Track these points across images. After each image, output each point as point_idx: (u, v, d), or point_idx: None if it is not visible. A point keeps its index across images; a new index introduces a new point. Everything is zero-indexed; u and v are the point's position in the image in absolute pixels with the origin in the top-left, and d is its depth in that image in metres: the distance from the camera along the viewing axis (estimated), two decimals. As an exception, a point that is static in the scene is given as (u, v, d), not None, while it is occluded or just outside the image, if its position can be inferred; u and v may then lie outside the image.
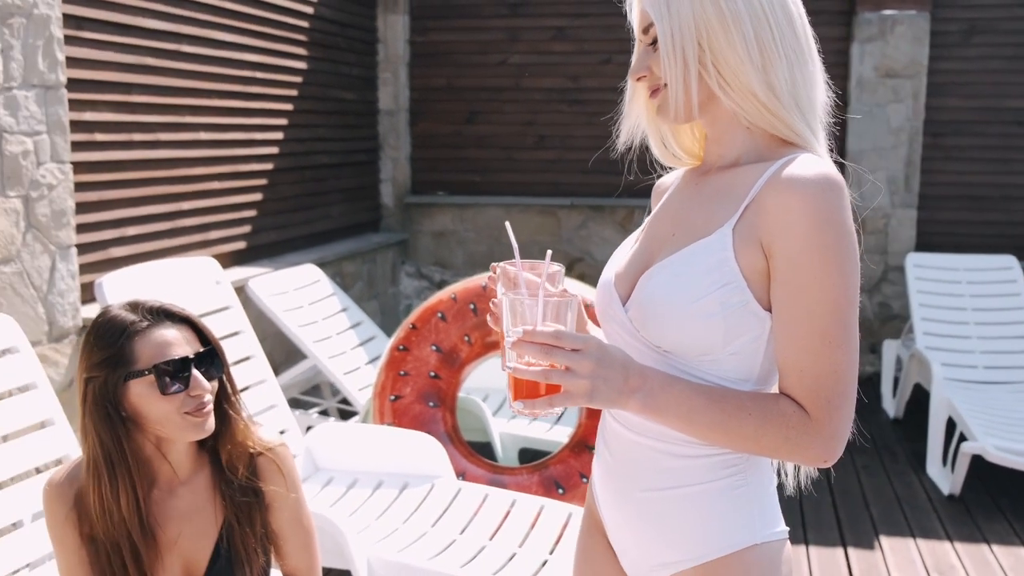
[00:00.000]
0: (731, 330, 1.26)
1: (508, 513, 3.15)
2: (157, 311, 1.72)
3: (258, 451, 1.83)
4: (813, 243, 1.20)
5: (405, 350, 3.79)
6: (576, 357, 1.15)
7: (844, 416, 1.23)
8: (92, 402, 1.68)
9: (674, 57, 1.28)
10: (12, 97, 3.24)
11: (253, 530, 1.80)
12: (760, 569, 1.34)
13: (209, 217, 4.67)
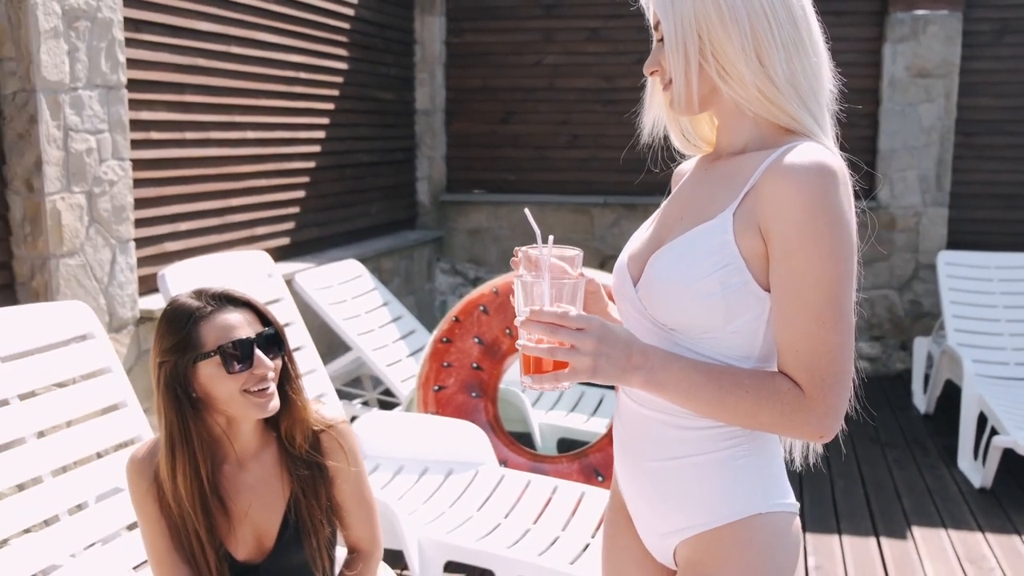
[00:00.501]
0: (731, 309, 1.32)
1: (550, 499, 3.26)
2: (220, 297, 1.84)
3: (321, 428, 1.95)
4: (806, 228, 1.26)
5: (448, 342, 3.91)
6: (580, 336, 1.24)
7: (838, 394, 1.29)
8: (164, 385, 1.80)
9: (677, 51, 1.35)
10: (77, 97, 3.39)
11: (318, 502, 1.92)
12: (763, 538, 1.39)
13: (256, 213, 4.81)
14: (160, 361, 1.82)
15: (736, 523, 1.40)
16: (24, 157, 3.27)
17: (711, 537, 1.41)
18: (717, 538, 1.41)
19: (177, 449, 1.81)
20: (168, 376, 1.80)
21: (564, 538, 2.99)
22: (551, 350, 1.25)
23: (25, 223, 3.32)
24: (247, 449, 1.90)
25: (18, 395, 2.31)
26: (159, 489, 1.86)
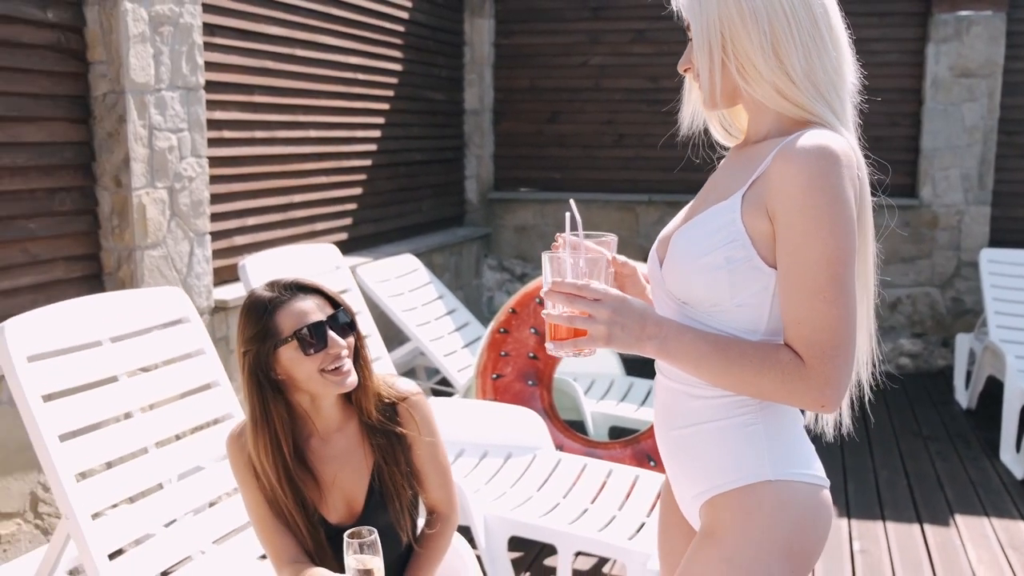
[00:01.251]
0: (736, 283, 1.41)
1: (605, 481, 3.42)
2: (292, 286, 2.01)
3: (396, 400, 2.12)
4: (805, 207, 1.33)
5: (506, 332, 4.08)
6: (596, 306, 1.36)
7: (838, 365, 1.34)
8: (248, 371, 1.98)
9: (702, 49, 1.44)
10: (161, 98, 3.60)
11: (398, 468, 2.08)
12: (772, 504, 1.44)
13: (316, 209, 5.01)
14: (244, 350, 1.99)
15: (744, 488, 1.46)
16: (113, 155, 3.49)
17: (721, 501, 1.48)
18: (726, 503, 1.48)
19: (259, 429, 1.98)
20: (252, 363, 1.97)
21: (620, 517, 3.14)
22: (570, 318, 1.38)
23: (113, 216, 3.53)
24: (331, 423, 2.07)
25: (126, 372, 2.51)
26: (253, 463, 2.04)
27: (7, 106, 3.14)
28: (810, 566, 1.50)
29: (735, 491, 1.47)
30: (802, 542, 1.46)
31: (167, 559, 2.39)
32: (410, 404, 2.12)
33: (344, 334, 2.00)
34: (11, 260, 3.20)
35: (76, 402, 2.34)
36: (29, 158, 3.24)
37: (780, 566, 1.44)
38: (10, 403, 3.07)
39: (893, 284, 6.46)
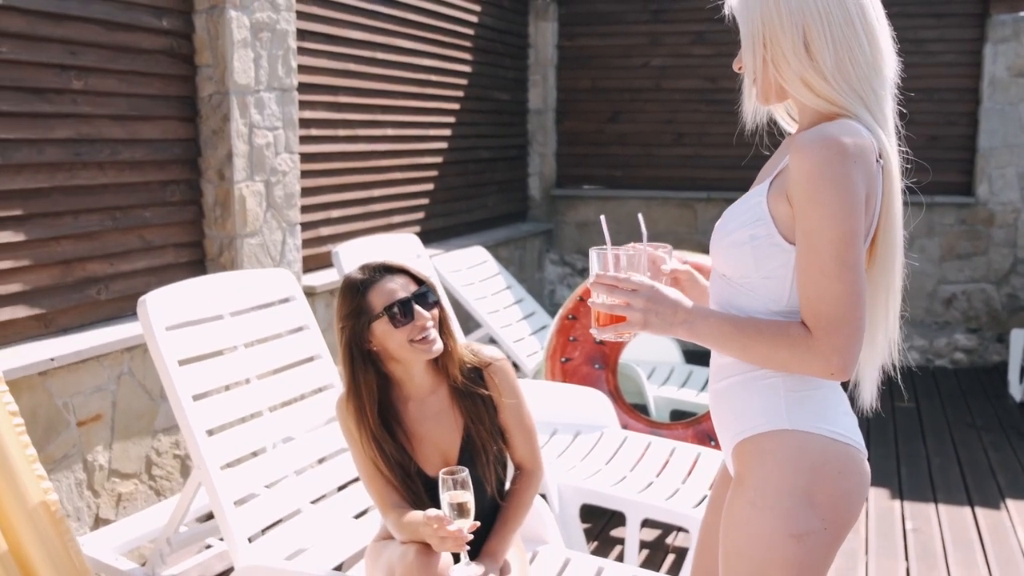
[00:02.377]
0: (759, 258, 1.57)
1: (669, 458, 3.64)
2: (380, 268, 2.28)
3: (481, 365, 2.37)
4: (812, 193, 1.47)
5: (574, 319, 4.33)
6: (633, 295, 1.55)
7: (843, 337, 1.47)
8: (344, 345, 2.25)
9: (748, 49, 1.59)
10: (260, 98, 3.91)
11: (485, 427, 2.34)
12: (788, 451, 1.56)
13: (393, 203, 5.31)
14: (341, 326, 2.26)
15: (763, 434, 1.59)
16: (217, 150, 3.80)
17: (745, 447, 1.61)
18: (748, 448, 1.61)
19: (351, 395, 2.26)
20: (348, 337, 2.25)
21: (684, 489, 3.37)
22: (611, 307, 1.58)
23: (216, 207, 3.85)
24: (423, 388, 2.32)
25: (243, 343, 2.81)
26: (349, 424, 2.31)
27: (128, 106, 3.46)
28: (844, 521, 1.59)
29: (755, 437, 1.60)
30: (826, 492, 1.56)
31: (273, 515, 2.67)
32: (493, 369, 2.37)
33: (428, 308, 2.26)
34: (129, 246, 3.53)
35: (204, 368, 2.64)
36: (145, 153, 3.56)
37: (804, 513, 1.54)
38: (130, 375, 3.39)
39: (948, 280, 6.57)
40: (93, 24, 3.28)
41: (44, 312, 3.20)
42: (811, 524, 1.55)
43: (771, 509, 1.55)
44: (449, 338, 2.32)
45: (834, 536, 1.58)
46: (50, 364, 3.00)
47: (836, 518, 1.57)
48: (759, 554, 1.56)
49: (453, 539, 1.97)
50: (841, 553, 3.60)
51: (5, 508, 2.34)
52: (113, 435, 3.33)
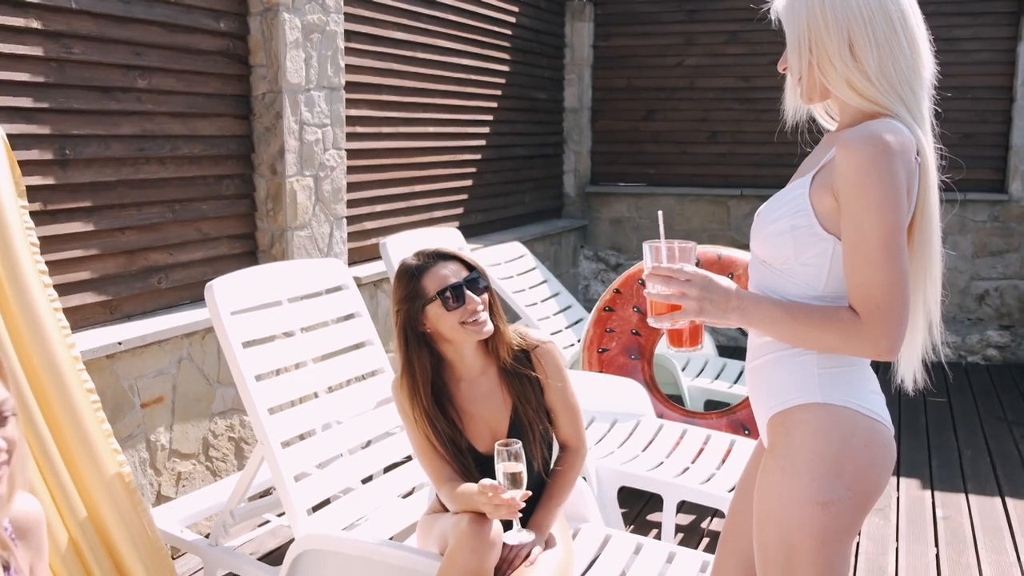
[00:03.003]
0: (799, 246, 1.67)
1: (704, 446, 3.76)
2: (434, 254, 2.42)
3: (528, 348, 2.50)
4: (859, 188, 1.56)
5: (611, 311, 4.45)
6: (688, 285, 1.65)
7: (890, 321, 1.57)
8: (400, 327, 2.39)
9: (794, 51, 1.69)
10: (310, 97, 4.07)
11: (532, 406, 2.46)
12: (819, 422, 1.66)
13: (433, 199, 5.45)
14: (396, 309, 2.40)
15: (796, 407, 1.69)
16: (269, 146, 3.96)
17: (779, 418, 1.72)
18: (782, 419, 1.71)
19: (405, 374, 2.40)
20: (403, 320, 2.39)
21: (719, 475, 3.48)
22: (668, 296, 1.67)
23: (268, 201, 4.01)
24: (474, 368, 2.46)
25: (300, 328, 2.96)
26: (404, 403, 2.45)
27: (188, 104, 3.63)
28: (869, 495, 1.68)
29: (790, 409, 1.70)
30: (854, 463, 1.65)
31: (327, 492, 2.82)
32: (541, 351, 2.51)
33: (479, 292, 2.39)
34: (187, 237, 3.70)
35: (265, 350, 2.80)
36: (203, 149, 3.73)
37: (831, 482, 1.64)
38: (189, 360, 3.56)
39: (981, 276, 6.62)
40: (156, 26, 3.45)
41: (110, 299, 3.37)
42: (837, 492, 1.64)
43: (800, 476, 1.66)
44: (499, 321, 2.45)
45: (859, 505, 1.68)
46: (117, 348, 3.18)
47: (861, 488, 1.67)
48: (787, 518, 1.67)
49: (507, 507, 2.10)
50: (872, 539, 3.70)
51: (84, 478, 2.51)
52: (174, 417, 3.50)
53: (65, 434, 2.50)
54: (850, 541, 1.70)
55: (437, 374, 2.44)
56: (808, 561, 1.66)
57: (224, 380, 3.73)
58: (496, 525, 2.24)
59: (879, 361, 1.67)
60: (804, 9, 1.67)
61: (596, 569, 2.64)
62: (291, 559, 2.57)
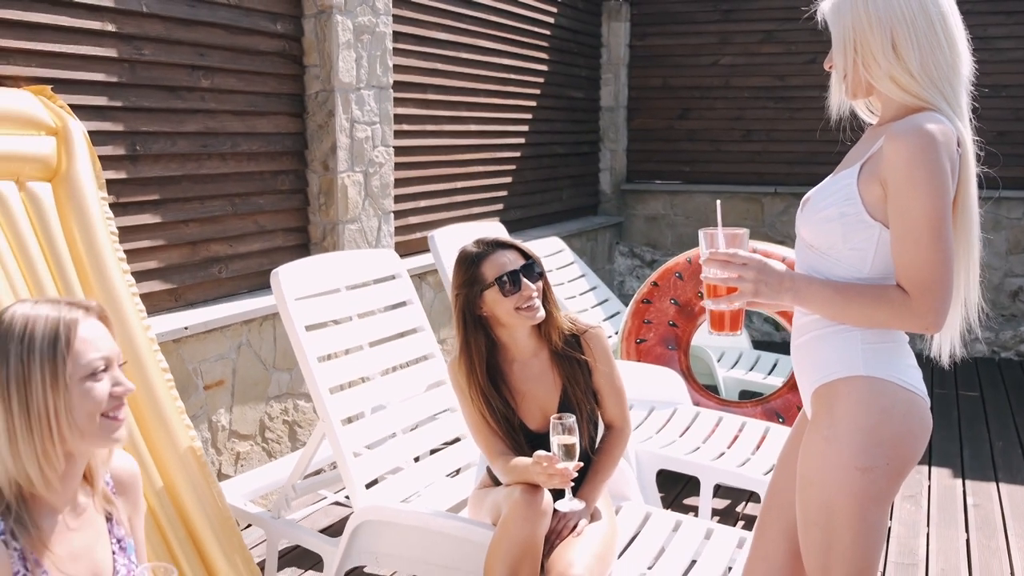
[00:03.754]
0: (847, 232, 1.79)
1: (739, 432, 3.89)
2: (492, 243, 2.57)
3: (578, 332, 2.65)
4: (908, 176, 1.69)
5: (648, 303, 4.59)
6: (744, 269, 1.78)
7: (936, 298, 1.70)
8: (458, 311, 2.55)
9: (840, 51, 1.82)
10: (360, 95, 4.24)
11: (580, 387, 2.62)
12: (862, 393, 1.79)
13: (474, 195, 5.61)
14: (456, 294, 2.56)
15: (840, 379, 1.82)
16: (322, 143, 4.14)
17: (823, 391, 1.84)
18: (826, 392, 1.83)
19: (462, 355, 2.56)
20: (462, 304, 2.55)
21: (754, 459, 3.61)
22: (725, 280, 1.80)
23: (320, 195, 4.19)
24: (527, 351, 2.61)
25: (357, 314, 3.13)
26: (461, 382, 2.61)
27: (247, 102, 3.82)
28: (906, 462, 1.80)
29: (833, 382, 1.83)
30: (893, 431, 1.77)
31: (380, 469, 2.98)
32: (590, 336, 2.66)
33: (534, 279, 2.54)
34: (246, 230, 3.88)
35: (324, 334, 2.97)
36: (261, 146, 3.91)
37: (870, 449, 1.76)
38: (247, 345, 3.75)
39: (1015, 273, 6.67)
40: (219, 28, 3.64)
41: (175, 287, 3.56)
42: (876, 459, 1.78)
43: (842, 443, 1.79)
44: (552, 307, 2.60)
45: (896, 472, 1.81)
46: (184, 332, 3.36)
47: (898, 456, 1.80)
48: (828, 483, 1.81)
49: (560, 476, 2.26)
50: (904, 524, 3.81)
51: (160, 451, 2.69)
52: (233, 399, 3.68)
53: (143, 410, 2.68)
54: (886, 506, 1.83)
55: (492, 356, 2.59)
56: (847, 523, 1.79)
57: (279, 366, 3.92)
58: (547, 495, 2.39)
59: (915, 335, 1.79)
60: (849, 11, 1.81)
61: (637, 544, 2.78)
62: (351, 529, 2.74)
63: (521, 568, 2.33)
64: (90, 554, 1.64)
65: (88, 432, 1.58)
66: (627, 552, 2.73)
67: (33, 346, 1.53)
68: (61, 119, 2.80)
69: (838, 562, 1.81)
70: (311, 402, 4.12)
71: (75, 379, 1.55)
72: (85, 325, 1.59)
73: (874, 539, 1.81)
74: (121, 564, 1.69)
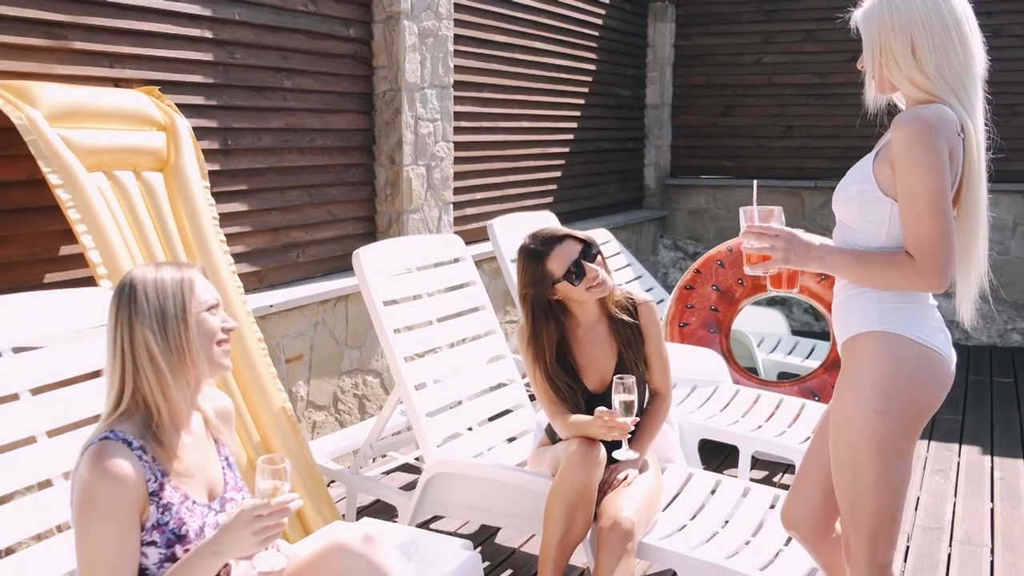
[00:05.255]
0: (865, 207, 2.06)
1: (776, 409, 4.16)
2: (550, 238, 2.88)
3: (636, 302, 2.95)
4: (909, 157, 1.95)
5: (691, 289, 4.87)
6: (776, 240, 2.08)
7: (937, 261, 1.96)
8: (528, 304, 2.86)
9: (869, 55, 2.09)
10: (424, 94, 4.58)
11: (633, 352, 2.92)
12: (879, 346, 2.05)
13: (525, 188, 5.93)
14: (524, 293, 2.88)
15: (860, 334, 2.09)
16: (389, 139, 4.49)
17: (849, 344, 2.12)
18: (851, 345, 2.11)
19: (531, 342, 2.88)
20: (532, 299, 2.86)
21: (790, 432, 3.88)
22: (760, 249, 2.11)
23: (386, 187, 4.53)
24: (592, 315, 2.93)
25: (427, 292, 3.46)
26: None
27: (323, 101, 4.17)
28: (919, 407, 2.05)
29: (856, 336, 2.11)
30: (905, 381, 2.02)
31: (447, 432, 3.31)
32: (645, 307, 2.97)
33: (592, 260, 2.85)
34: (320, 218, 4.24)
35: (399, 309, 3.30)
36: (334, 141, 4.27)
37: (887, 395, 2.02)
38: (323, 324, 4.10)
39: (1051, 266, 6.85)
40: (300, 34, 4.00)
41: (259, 270, 3.93)
42: (891, 404, 2.05)
43: (863, 390, 2.08)
44: (611, 280, 2.91)
45: (911, 417, 2.08)
46: (269, 310, 3.72)
47: (911, 403, 2.06)
48: (852, 425, 2.10)
49: (620, 429, 2.58)
50: (932, 493, 4.06)
51: (257, 410, 3.05)
52: (310, 372, 4.04)
53: (242, 372, 3.03)
54: (906, 448, 2.09)
55: (560, 328, 2.91)
56: (869, 462, 2.07)
57: (351, 344, 4.27)
58: (602, 448, 2.70)
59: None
60: (876, 19, 2.09)
61: (680, 500, 3.08)
62: (424, 481, 3.07)
63: (577, 511, 2.64)
64: (205, 469, 1.95)
65: (208, 355, 1.89)
66: (671, 506, 3.03)
67: (165, 288, 1.86)
68: (169, 116, 3.17)
69: (864, 497, 2.10)
70: (378, 377, 4.47)
71: (198, 312, 1.89)
72: (199, 276, 1.93)
73: (896, 478, 2.09)
74: (230, 478, 2.01)
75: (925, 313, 2.13)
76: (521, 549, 3.50)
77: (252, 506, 1.76)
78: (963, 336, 7.03)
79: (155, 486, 1.82)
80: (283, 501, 1.77)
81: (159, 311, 1.85)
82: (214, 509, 1.92)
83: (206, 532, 1.87)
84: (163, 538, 1.82)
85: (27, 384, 2.10)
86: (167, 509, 1.83)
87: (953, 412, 5.27)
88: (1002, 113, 6.71)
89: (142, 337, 1.84)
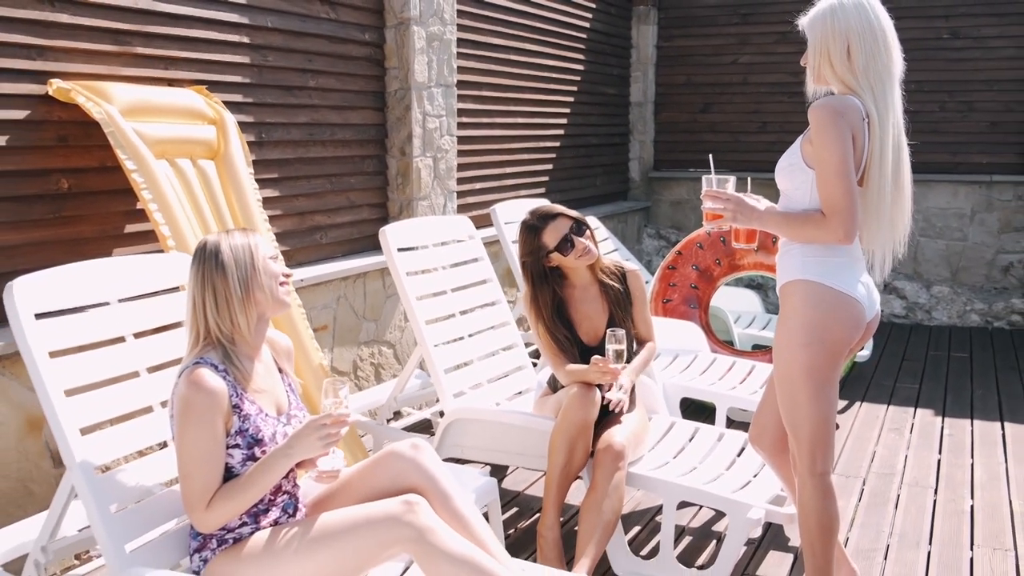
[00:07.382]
0: (793, 177, 2.55)
1: (748, 374, 4.66)
2: (547, 215, 3.37)
3: (623, 270, 3.45)
4: (819, 135, 2.41)
5: (673, 268, 5.37)
6: (726, 202, 2.58)
7: (841, 219, 2.40)
8: (528, 270, 3.35)
9: (812, 54, 2.56)
10: (431, 92, 5.05)
11: (621, 310, 3.41)
12: (803, 293, 2.52)
13: (519, 179, 6.41)
14: (524, 261, 3.36)
15: (789, 282, 2.57)
16: (400, 133, 4.96)
17: (782, 291, 2.60)
18: (782, 292, 2.60)
19: (531, 305, 3.36)
20: (531, 267, 3.35)
21: (761, 392, 4.37)
22: (714, 209, 2.61)
23: (398, 177, 5.01)
24: (585, 279, 3.41)
25: (441, 267, 3.94)
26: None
27: (342, 99, 4.64)
28: (836, 342, 2.50)
29: (785, 283, 2.60)
30: (822, 319, 2.49)
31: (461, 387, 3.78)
32: (632, 273, 3.47)
33: (582, 234, 3.34)
34: (339, 204, 4.71)
35: (418, 279, 3.78)
36: (352, 135, 4.74)
37: (808, 331, 2.50)
38: (344, 298, 4.57)
39: (1006, 250, 7.39)
40: (322, 38, 4.46)
41: (288, 249, 4.39)
42: (812, 338, 2.51)
43: (790, 327, 2.57)
44: (599, 250, 3.39)
45: (830, 350, 2.53)
46: (300, 284, 4.19)
47: (829, 338, 2.52)
48: (785, 358, 2.59)
49: (611, 374, 3.06)
50: (887, 447, 4.57)
51: (298, 363, 3.51)
52: (334, 341, 4.51)
53: (285, 330, 3.50)
54: (831, 376, 2.56)
55: (557, 289, 3.39)
56: (801, 387, 2.56)
57: (368, 317, 4.74)
58: (597, 391, 3.19)
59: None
60: (819, 25, 2.57)
61: (663, 443, 3.57)
62: (443, 426, 3.55)
63: (577, 443, 3.13)
64: (273, 391, 2.37)
65: (273, 293, 2.29)
66: (656, 448, 3.51)
67: (237, 244, 2.26)
68: (218, 112, 3.63)
69: (802, 417, 2.59)
70: (391, 348, 4.95)
71: (264, 259, 2.31)
72: (261, 236, 2.37)
73: (824, 400, 2.57)
74: (292, 399, 2.44)
75: (846, 266, 2.58)
76: (524, 492, 3.99)
77: (318, 416, 2.21)
78: (926, 316, 7.56)
79: (236, 400, 2.22)
80: (343, 414, 2.22)
81: (233, 260, 2.24)
82: (281, 422, 2.34)
83: (277, 439, 2.30)
84: (244, 441, 2.23)
85: (131, 329, 2.56)
86: (246, 418, 2.24)
87: (912, 381, 5.79)
88: (960, 110, 7.28)
89: (221, 282, 2.24)
